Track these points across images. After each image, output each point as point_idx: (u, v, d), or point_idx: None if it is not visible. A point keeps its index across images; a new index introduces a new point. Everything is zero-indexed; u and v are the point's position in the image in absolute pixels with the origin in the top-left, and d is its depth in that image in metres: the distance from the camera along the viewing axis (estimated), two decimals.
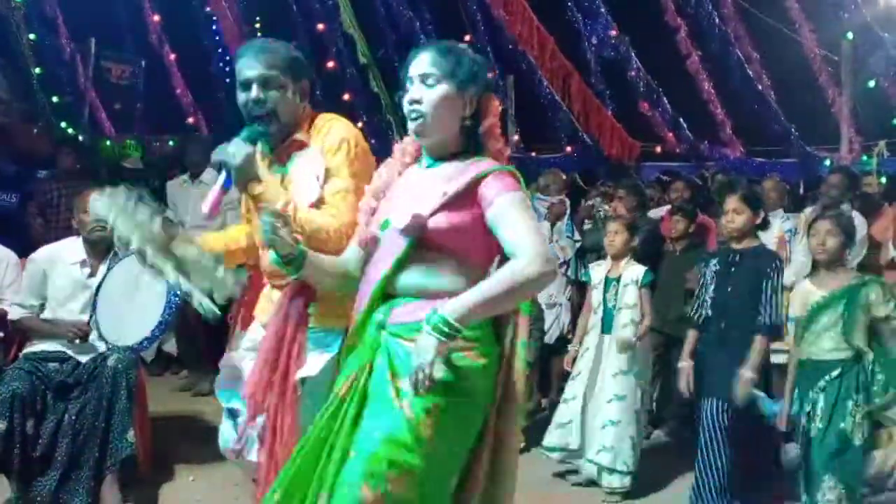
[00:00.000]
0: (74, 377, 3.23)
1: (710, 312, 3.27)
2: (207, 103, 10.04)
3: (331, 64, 9.74)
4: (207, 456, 3.86)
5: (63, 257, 3.39)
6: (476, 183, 1.77)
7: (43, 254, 3.41)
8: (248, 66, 2.16)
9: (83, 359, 3.27)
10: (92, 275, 3.39)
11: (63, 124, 8.76)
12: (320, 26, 9.65)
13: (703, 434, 3.17)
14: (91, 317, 3.25)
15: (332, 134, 2.19)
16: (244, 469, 2.39)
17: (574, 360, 3.78)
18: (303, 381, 2.06)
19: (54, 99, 8.95)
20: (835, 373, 2.88)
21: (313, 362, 2.08)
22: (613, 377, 3.61)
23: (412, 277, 1.79)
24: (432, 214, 1.76)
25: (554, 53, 8.71)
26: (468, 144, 1.87)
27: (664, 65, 8.74)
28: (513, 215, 1.74)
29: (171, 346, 5.25)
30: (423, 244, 1.77)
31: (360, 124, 9.98)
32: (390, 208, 1.86)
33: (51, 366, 3.22)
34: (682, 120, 8.49)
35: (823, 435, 2.84)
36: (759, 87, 7.78)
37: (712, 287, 3.27)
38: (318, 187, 2.11)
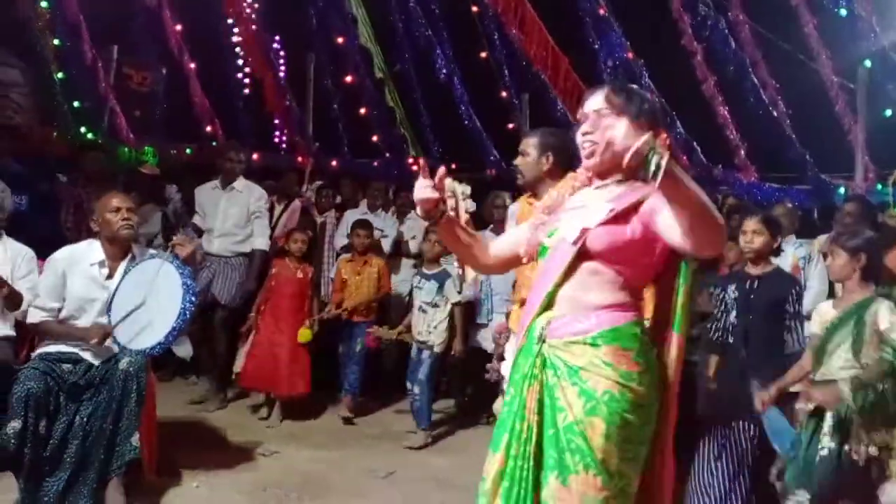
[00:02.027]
0: (87, 379, 3.24)
1: (731, 339, 3.28)
2: (225, 113, 10.13)
3: (349, 78, 9.81)
4: (213, 463, 3.88)
5: (82, 258, 3.41)
6: (640, 202, 1.86)
7: (62, 255, 3.43)
8: None
9: (96, 361, 3.29)
10: (110, 276, 3.41)
11: (83, 129, 8.85)
12: (339, 39, 9.74)
13: (727, 457, 3.17)
14: (108, 320, 3.28)
15: None
16: None
17: None
18: None
19: (75, 104, 9.06)
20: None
21: None
22: None
23: (572, 290, 1.89)
24: (599, 226, 1.87)
25: (568, 74, 8.75)
26: (631, 173, 1.92)
27: (679, 89, 8.76)
28: None
29: (184, 352, 5.25)
30: (585, 257, 1.88)
31: (374, 138, 10.11)
32: (559, 220, 2.00)
33: (65, 367, 3.24)
34: (695, 144, 8.49)
35: (835, 454, 2.79)
36: (775, 113, 7.77)
37: (733, 314, 3.28)
38: None
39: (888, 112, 7.16)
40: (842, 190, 6.93)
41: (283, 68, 10.24)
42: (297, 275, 5.03)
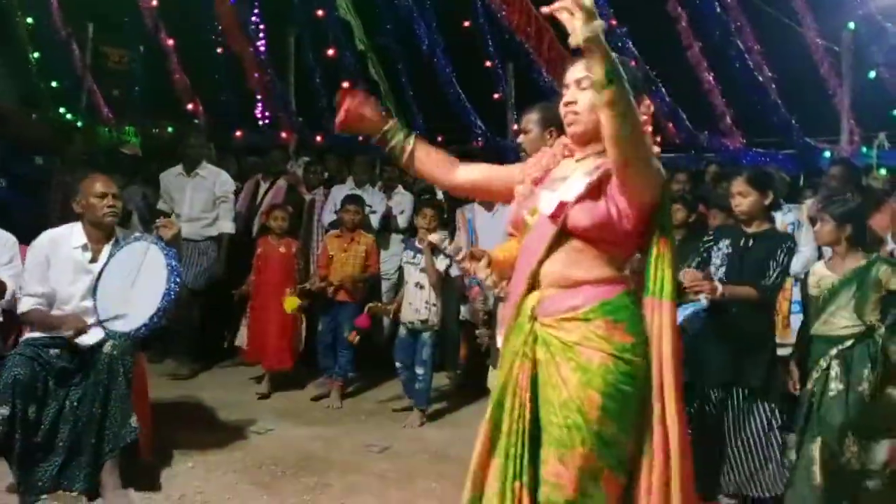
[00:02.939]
0: (75, 363, 3.23)
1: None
2: (206, 90, 9.99)
3: (331, 51, 9.67)
4: (207, 443, 3.89)
5: (64, 242, 3.36)
6: (610, 170, 1.87)
7: (44, 239, 3.38)
8: None
9: (83, 345, 3.26)
10: (93, 260, 3.37)
11: (61, 110, 8.71)
12: (320, 12, 9.58)
13: (703, 416, 3.18)
14: (93, 304, 3.24)
15: None
16: None
17: None
18: None
19: (52, 84, 8.91)
20: (848, 343, 3.00)
21: None
22: None
23: (557, 266, 1.91)
24: (577, 202, 1.87)
25: (552, 43, 8.67)
26: None
27: (664, 55, 8.71)
28: None
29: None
30: (568, 232, 1.88)
31: None
32: (540, 196, 1.99)
33: (52, 352, 3.21)
34: (680, 111, 8.47)
35: (844, 396, 2.95)
36: (760, 78, 7.75)
37: (723, 269, 3.23)
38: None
39: (872, 74, 7.16)
40: (827, 153, 6.96)
41: (262, 43, 10.08)
42: (280, 250, 5.06)
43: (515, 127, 9.77)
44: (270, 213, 5.17)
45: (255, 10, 10.20)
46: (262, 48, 10.01)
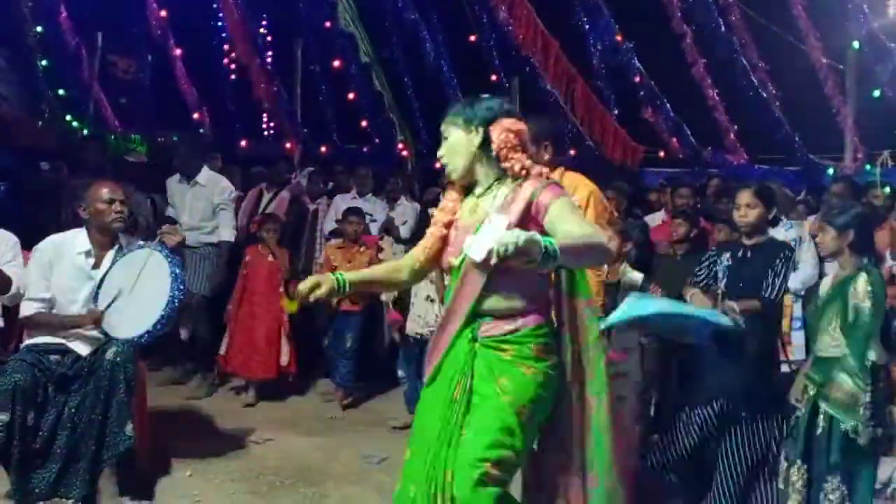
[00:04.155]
0: (75, 370, 3.22)
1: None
2: (212, 99, 10.07)
3: (337, 63, 9.74)
4: (205, 451, 3.88)
5: (68, 248, 3.37)
6: (530, 204, 2.12)
7: (48, 244, 3.38)
8: None
9: (84, 351, 3.27)
10: (96, 266, 3.37)
11: (68, 117, 8.78)
12: (327, 24, 9.66)
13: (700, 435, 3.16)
14: (103, 307, 3.25)
15: None
16: None
17: None
18: None
19: (60, 92, 8.98)
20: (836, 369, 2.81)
21: None
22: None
23: (492, 300, 2.17)
24: None
25: (558, 58, 8.72)
26: (498, 170, 2.20)
27: (669, 71, 8.75)
28: (566, 216, 2.08)
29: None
30: (498, 269, 2.03)
31: (364, 123, 10.05)
32: (462, 237, 2.18)
33: (52, 358, 3.21)
34: (685, 126, 8.50)
35: (828, 436, 2.80)
36: (764, 95, 7.79)
37: (724, 282, 3.23)
38: None
39: (877, 93, 7.19)
40: (831, 171, 6.97)
41: (269, 54, 10.16)
42: (269, 258, 5.04)
43: None
44: (263, 224, 5.18)
45: (263, 22, 10.30)
46: (269, 59, 10.09)
